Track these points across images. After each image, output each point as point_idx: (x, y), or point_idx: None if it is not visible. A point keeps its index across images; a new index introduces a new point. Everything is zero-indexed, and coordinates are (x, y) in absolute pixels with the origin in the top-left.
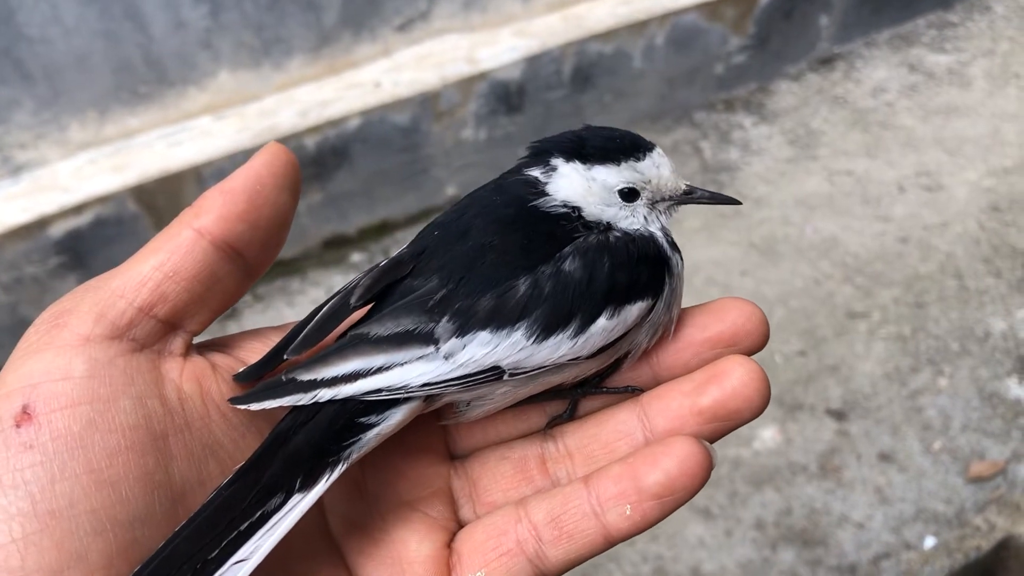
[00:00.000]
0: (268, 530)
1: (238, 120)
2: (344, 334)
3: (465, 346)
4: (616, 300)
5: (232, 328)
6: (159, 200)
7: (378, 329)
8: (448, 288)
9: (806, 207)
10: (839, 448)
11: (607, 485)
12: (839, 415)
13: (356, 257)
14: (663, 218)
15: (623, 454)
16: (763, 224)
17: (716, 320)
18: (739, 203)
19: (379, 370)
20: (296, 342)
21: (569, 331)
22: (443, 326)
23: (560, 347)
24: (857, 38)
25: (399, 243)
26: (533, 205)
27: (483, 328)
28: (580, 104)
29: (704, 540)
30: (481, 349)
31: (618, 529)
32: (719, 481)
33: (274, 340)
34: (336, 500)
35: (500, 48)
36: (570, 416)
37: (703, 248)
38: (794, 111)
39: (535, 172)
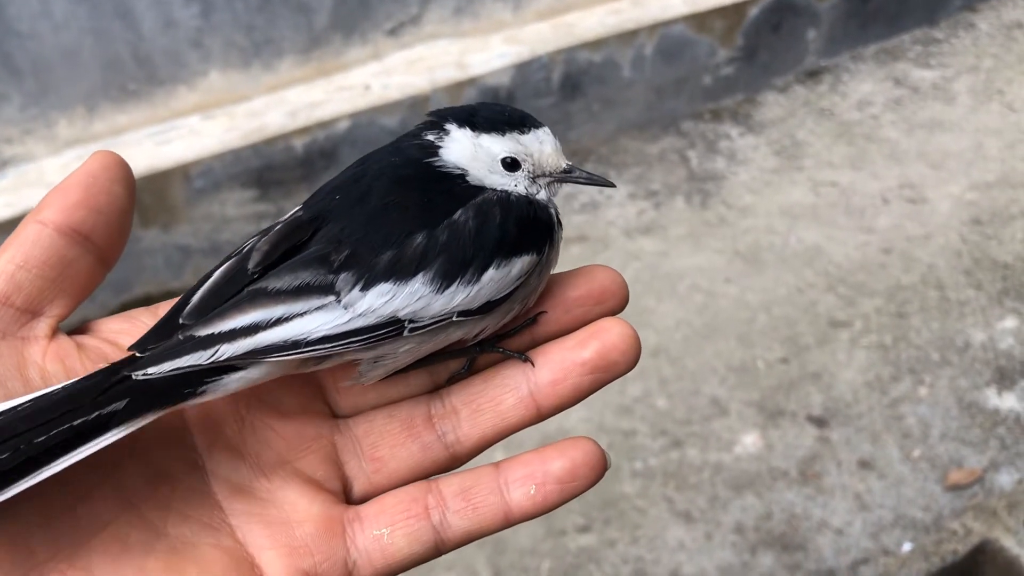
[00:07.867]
0: (96, 442)
1: (227, 120)
2: (240, 291)
3: (365, 296)
4: (505, 252)
5: None
6: (146, 198)
7: (276, 283)
8: (349, 245)
9: (790, 217)
10: (819, 455)
11: (517, 468)
12: (820, 422)
13: None
14: (545, 192)
15: (509, 406)
16: (748, 233)
17: (586, 281)
18: (613, 185)
19: (278, 321)
20: (191, 306)
21: (464, 280)
22: (343, 278)
23: (455, 297)
24: (844, 52)
25: None
26: (429, 164)
27: (384, 280)
28: (568, 111)
29: (684, 543)
30: (380, 299)
31: (520, 507)
32: (700, 485)
33: (146, 321)
34: (219, 465)
35: (490, 54)
36: (467, 371)
37: (688, 255)
38: (780, 122)
39: (430, 136)
